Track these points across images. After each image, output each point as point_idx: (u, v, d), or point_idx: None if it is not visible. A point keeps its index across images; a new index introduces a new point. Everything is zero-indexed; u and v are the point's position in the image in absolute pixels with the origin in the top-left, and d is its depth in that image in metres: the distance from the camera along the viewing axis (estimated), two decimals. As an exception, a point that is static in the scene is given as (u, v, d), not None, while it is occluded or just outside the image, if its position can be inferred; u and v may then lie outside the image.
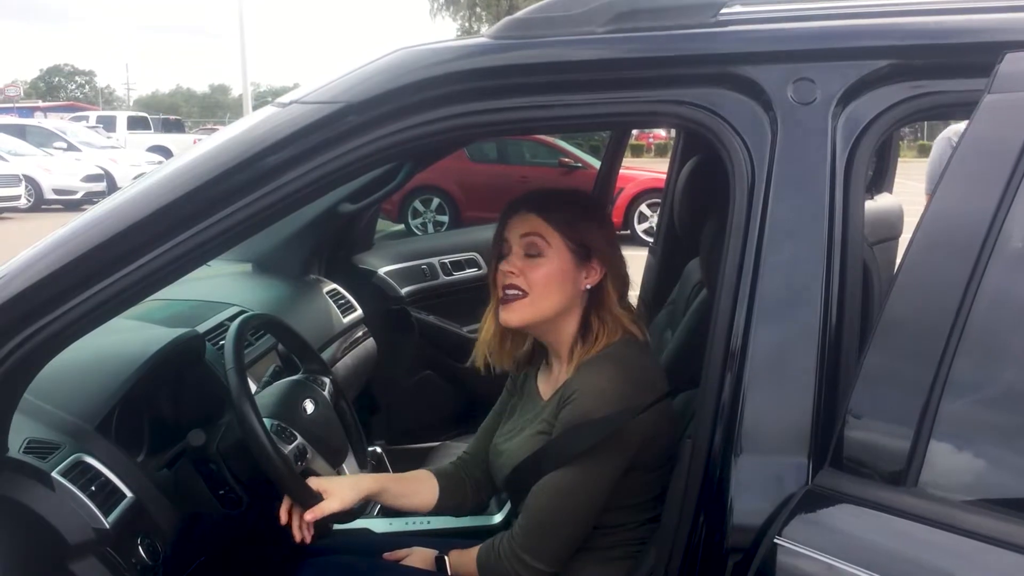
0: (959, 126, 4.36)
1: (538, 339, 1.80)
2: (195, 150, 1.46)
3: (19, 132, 19.60)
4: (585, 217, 1.73)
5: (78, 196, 16.73)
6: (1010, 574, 1.04)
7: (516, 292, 1.69)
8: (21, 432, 1.53)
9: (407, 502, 1.85)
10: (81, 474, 1.54)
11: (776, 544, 1.17)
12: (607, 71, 1.37)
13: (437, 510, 1.89)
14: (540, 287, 1.67)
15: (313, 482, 1.72)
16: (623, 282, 1.75)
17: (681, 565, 1.32)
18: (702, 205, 2.12)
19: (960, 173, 1.20)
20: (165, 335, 1.98)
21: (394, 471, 2.60)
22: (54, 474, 1.49)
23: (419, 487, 1.87)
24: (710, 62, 1.35)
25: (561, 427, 1.64)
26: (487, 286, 1.79)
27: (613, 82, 1.37)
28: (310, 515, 1.69)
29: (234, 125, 1.51)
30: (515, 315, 1.69)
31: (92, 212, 1.42)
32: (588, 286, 1.71)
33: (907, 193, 3.90)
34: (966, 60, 1.30)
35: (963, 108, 1.25)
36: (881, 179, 2.41)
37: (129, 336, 1.99)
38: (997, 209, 1.13)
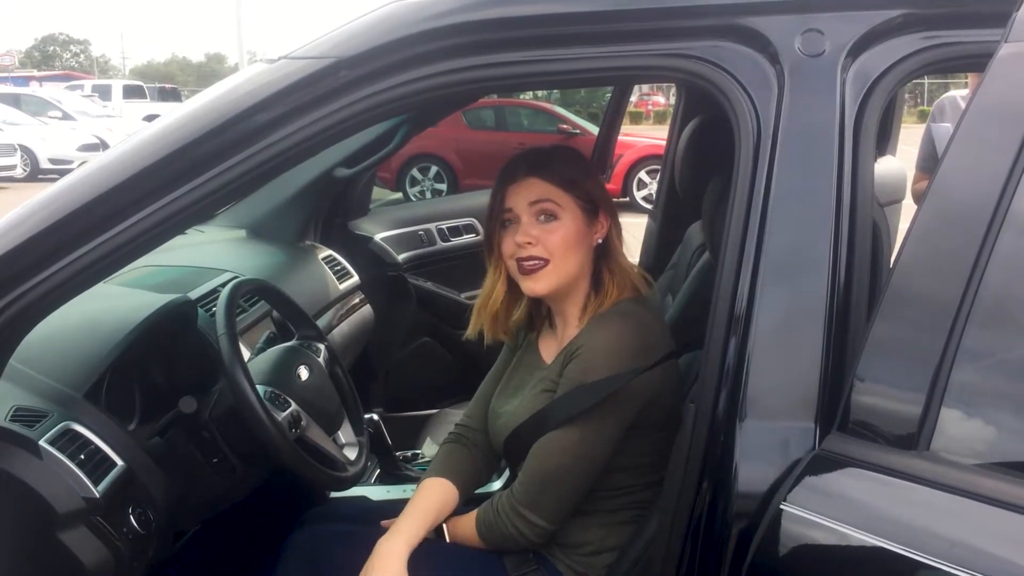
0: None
1: (550, 304, 1.77)
2: (182, 108, 1.41)
3: (13, 101, 19.44)
4: (586, 172, 1.73)
5: (74, 166, 16.46)
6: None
7: (537, 262, 1.66)
8: (7, 400, 1.50)
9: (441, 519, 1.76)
10: (70, 442, 1.50)
11: (782, 510, 1.14)
12: (607, 23, 1.32)
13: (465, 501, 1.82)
14: (560, 251, 1.66)
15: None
16: (621, 231, 1.75)
17: (685, 531, 1.29)
18: (704, 166, 2.08)
19: (974, 128, 1.15)
20: (156, 301, 1.94)
21: (391, 438, 2.58)
22: (42, 443, 1.45)
23: (444, 505, 1.76)
24: (713, 13, 1.30)
25: (567, 383, 1.62)
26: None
27: (614, 35, 1.32)
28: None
29: (222, 83, 1.46)
30: (541, 283, 1.67)
31: (74, 175, 1.38)
32: (599, 240, 1.70)
33: (911, 160, 3.85)
34: (982, 8, 1.25)
35: (978, 60, 1.20)
36: (883, 141, 2.36)
37: (119, 302, 1.94)
38: (1012, 167, 1.09)
